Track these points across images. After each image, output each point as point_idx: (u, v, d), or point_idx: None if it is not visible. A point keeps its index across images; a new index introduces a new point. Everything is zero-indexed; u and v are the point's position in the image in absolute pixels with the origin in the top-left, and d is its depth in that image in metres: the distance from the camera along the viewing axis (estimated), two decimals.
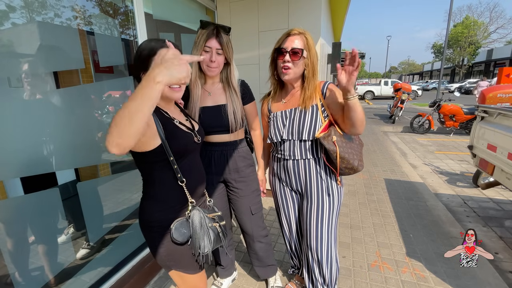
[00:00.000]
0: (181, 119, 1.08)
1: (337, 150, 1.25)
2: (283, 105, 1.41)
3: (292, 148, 1.37)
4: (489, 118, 2.56)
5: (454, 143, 6.30)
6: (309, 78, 1.29)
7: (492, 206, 3.15)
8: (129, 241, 1.95)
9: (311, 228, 1.39)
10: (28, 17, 1.35)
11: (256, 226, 1.60)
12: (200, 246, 1.01)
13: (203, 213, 1.03)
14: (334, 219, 1.41)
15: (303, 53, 1.24)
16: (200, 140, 1.09)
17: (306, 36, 1.26)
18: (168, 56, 0.70)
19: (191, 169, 1.06)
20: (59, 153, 1.46)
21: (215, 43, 1.25)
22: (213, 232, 1.05)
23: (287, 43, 1.24)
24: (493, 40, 33.18)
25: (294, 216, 1.55)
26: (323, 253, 1.39)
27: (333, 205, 1.38)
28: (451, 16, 12.27)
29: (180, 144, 0.99)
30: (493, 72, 27.35)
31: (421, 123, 7.47)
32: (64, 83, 1.78)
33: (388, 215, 2.81)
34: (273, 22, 2.67)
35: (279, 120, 1.39)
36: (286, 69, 1.26)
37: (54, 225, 1.55)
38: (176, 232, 0.98)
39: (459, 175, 4.18)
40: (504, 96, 5.48)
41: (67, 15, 1.54)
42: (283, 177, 1.48)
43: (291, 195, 1.51)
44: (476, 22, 30.63)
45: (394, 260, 2.09)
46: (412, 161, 4.98)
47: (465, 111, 6.63)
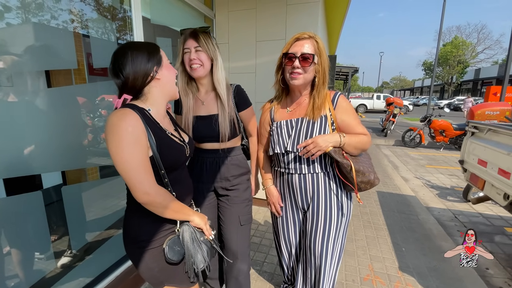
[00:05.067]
0: (171, 129, 1.03)
1: (351, 164, 1.14)
2: (289, 114, 1.30)
3: (298, 161, 1.25)
4: (480, 134, 2.61)
5: (444, 158, 6.41)
6: (319, 86, 1.19)
7: (482, 221, 3.18)
8: (113, 250, 1.87)
9: (315, 247, 1.28)
10: (23, 17, 1.32)
11: (242, 241, 1.45)
12: (194, 262, 0.95)
13: (193, 227, 0.98)
14: (341, 237, 1.30)
15: (314, 59, 1.14)
16: (189, 153, 1.05)
17: (317, 40, 1.17)
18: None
19: (180, 182, 1.01)
20: (45, 155, 1.40)
21: (192, 42, 1.22)
22: (206, 245, 1.00)
23: (296, 48, 1.15)
24: (480, 60, 34.61)
25: (295, 240, 1.43)
26: (326, 273, 1.28)
27: (342, 222, 1.28)
28: (441, 35, 12.76)
29: (173, 156, 0.95)
30: (481, 90, 28.36)
31: (413, 137, 7.61)
32: (56, 84, 1.74)
33: (381, 228, 2.79)
34: (270, 33, 2.70)
35: (284, 130, 1.27)
36: (296, 74, 1.16)
37: (35, 230, 1.47)
38: (170, 251, 0.92)
39: (450, 189, 4.22)
40: (491, 113, 5.65)
41: (63, 17, 1.52)
42: (287, 194, 1.36)
43: (293, 217, 1.40)
44: (464, 42, 31.89)
45: (387, 274, 2.06)
46: (403, 174, 5.03)
47: (455, 127, 6.79)
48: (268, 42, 2.73)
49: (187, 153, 1.03)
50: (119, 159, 0.81)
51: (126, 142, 0.80)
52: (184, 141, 1.03)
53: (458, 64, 30.78)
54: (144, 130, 0.84)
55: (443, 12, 12.31)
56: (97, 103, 1.81)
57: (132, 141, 0.81)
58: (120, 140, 0.80)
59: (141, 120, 0.84)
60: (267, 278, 2.00)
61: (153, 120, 0.92)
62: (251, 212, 1.50)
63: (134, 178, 0.82)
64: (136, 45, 0.91)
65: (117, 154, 0.80)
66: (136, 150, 0.82)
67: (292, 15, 2.60)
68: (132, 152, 0.81)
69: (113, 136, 0.80)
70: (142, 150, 0.83)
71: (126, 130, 0.80)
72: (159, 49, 0.95)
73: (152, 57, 0.91)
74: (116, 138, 0.80)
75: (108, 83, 1.96)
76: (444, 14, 12.31)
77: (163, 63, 0.94)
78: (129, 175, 0.82)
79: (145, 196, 0.84)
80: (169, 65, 0.97)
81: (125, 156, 0.80)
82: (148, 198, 0.84)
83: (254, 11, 2.71)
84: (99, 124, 1.87)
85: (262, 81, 2.81)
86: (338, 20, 4.69)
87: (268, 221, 2.85)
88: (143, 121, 0.85)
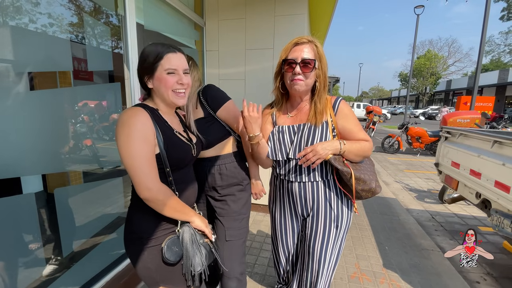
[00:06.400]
0: (180, 129, 1.06)
1: (351, 171, 1.11)
2: (290, 119, 1.25)
3: (299, 169, 1.22)
4: (452, 138, 2.82)
5: (421, 163, 6.76)
6: (320, 91, 1.16)
7: (457, 220, 3.39)
8: (100, 257, 1.82)
9: (314, 253, 1.26)
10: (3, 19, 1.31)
11: (229, 258, 1.28)
12: (192, 264, 0.95)
13: (193, 229, 0.99)
14: (339, 244, 1.28)
15: (315, 64, 1.10)
16: (197, 153, 1.08)
17: (316, 44, 1.13)
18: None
19: (184, 182, 1.03)
20: (25, 157, 1.35)
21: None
22: (205, 248, 1.01)
23: (296, 53, 1.11)
24: (451, 72, 37.00)
25: (293, 245, 1.41)
26: (322, 277, 1.27)
27: (341, 231, 1.26)
28: (415, 49, 13.59)
29: (179, 154, 0.98)
30: (452, 100, 30.26)
31: (391, 144, 7.98)
32: (39, 87, 1.71)
33: (365, 229, 2.91)
34: (259, 42, 2.80)
35: (286, 135, 1.23)
36: (297, 80, 1.12)
37: (16, 237, 1.41)
38: (168, 251, 0.93)
39: (427, 192, 4.47)
40: (462, 121, 6.07)
41: (55, 19, 1.53)
42: (287, 202, 1.33)
43: (292, 224, 1.36)
44: (436, 55, 34.00)
45: (372, 272, 2.16)
46: (384, 178, 5.25)
47: (430, 134, 7.22)
48: (257, 50, 2.83)
49: (194, 153, 1.06)
50: (126, 154, 0.84)
51: (134, 137, 0.84)
52: (191, 141, 1.06)
53: (431, 75, 32.72)
54: (153, 128, 0.88)
55: (416, 27, 13.18)
56: (79, 107, 1.79)
57: (140, 137, 0.85)
58: (129, 136, 0.84)
59: (150, 118, 0.88)
60: (258, 279, 2.03)
61: (162, 118, 0.96)
62: (244, 227, 1.36)
63: (138, 173, 0.85)
64: (147, 48, 0.94)
65: (125, 149, 0.84)
66: (143, 146, 0.85)
67: (280, 26, 2.72)
68: (138, 147, 0.84)
69: (123, 131, 0.84)
70: (149, 147, 0.87)
71: (135, 127, 0.84)
72: (159, 59, 0.92)
73: (147, 64, 0.92)
74: (126, 133, 0.84)
75: (91, 87, 1.94)
76: (417, 28, 13.19)
77: (155, 74, 0.93)
78: (134, 170, 0.85)
79: (146, 191, 0.86)
80: (165, 77, 0.93)
81: (132, 151, 0.84)
82: (150, 193, 0.87)
83: (243, 21, 2.82)
84: (81, 129, 1.87)
85: (252, 88, 2.89)
86: (322, 30, 4.91)
87: (257, 225, 2.89)
88: (153, 119, 0.89)
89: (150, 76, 0.94)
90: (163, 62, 0.92)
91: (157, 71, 0.93)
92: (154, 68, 0.92)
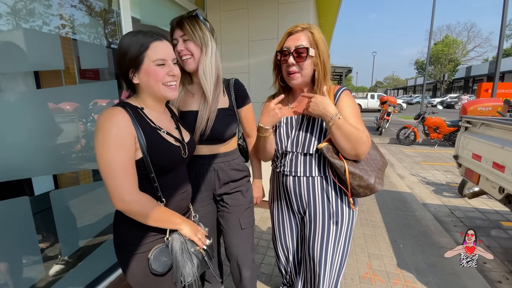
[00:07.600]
0: (170, 127, 0.97)
1: (344, 165, 1.04)
2: (289, 111, 1.22)
3: (294, 162, 1.17)
4: (473, 129, 2.62)
5: (439, 154, 6.45)
6: (319, 80, 1.09)
7: (478, 216, 3.19)
8: (105, 256, 1.82)
9: (314, 254, 1.20)
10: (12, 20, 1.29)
11: (243, 245, 1.35)
12: (182, 274, 0.89)
13: (184, 237, 0.92)
14: (342, 244, 1.20)
15: (309, 52, 1.04)
16: (187, 155, 0.98)
17: (312, 30, 1.06)
18: None
19: (173, 187, 0.95)
20: (35, 158, 1.35)
21: (178, 32, 1.13)
22: (197, 257, 0.94)
23: (289, 43, 1.06)
24: (471, 58, 35.13)
25: (292, 245, 1.37)
26: (325, 280, 1.21)
27: (341, 232, 1.18)
28: (432, 34, 12.93)
29: (164, 159, 0.89)
30: (472, 87, 28.80)
31: (407, 135, 7.66)
32: (45, 86, 1.70)
33: (378, 225, 2.78)
34: (262, 32, 2.68)
35: (283, 127, 1.20)
36: (292, 74, 1.08)
37: (24, 237, 1.42)
38: (155, 262, 0.87)
39: (445, 185, 4.24)
40: (483, 109, 5.72)
41: (53, 17, 1.48)
42: (283, 198, 1.29)
43: (289, 221, 1.33)
44: (455, 41, 32.39)
45: (385, 272, 2.04)
46: (399, 171, 5.04)
47: (448, 124, 6.86)
48: (260, 41, 2.71)
49: (184, 154, 0.95)
50: (100, 161, 0.77)
51: (108, 143, 0.77)
52: (182, 141, 0.97)
53: (450, 62, 31.25)
54: (132, 131, 0.81)
55: (433, 11, 12.49)
56: (88, 106, 1.77)
57: (114, 142, 0.77)
58: (103, 141, 0.77)
59: (130, 120, 0.80)
60: (265, 280, 1.97)
61: (146, 119, 0.88)
62: (252, 215, 1.40)
63: (111, 182, 0.78)
64: (125, 39, 0.85)
65: (99, 156, 0.77)
66: (118, 153, 0.77)
67: (284, 14, 2.59)
68: (113, 154, 0.77)
69: (98, 136, 0.78)
70: (125, 154, 0.79)
71: (110, 131, 0.77)
72: (144, 49, 0.83)
73: (129, 57, 0.83)
74: (100, 138, 0.77)
75: (97, 84, 1.93)
76: (434, 13, 12.49)
77: (142, 67, 0.85)
78: (107, 179, 0.78)
79: (121, 203, 0.79)
80: (153, 70, 0.85)
81: (106, 159, 0.77)
82: (124, 205, 0.80)
83: (246, 11, 2.70)
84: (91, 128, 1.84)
85: (256, 81, 2.79)
86: (330, 19, 4.70)
87: (264, 222, 2.83)
88: (134, 121, 0.81)
89: (135, 70, 0.85)
90: (150, 53, 0.84)
91: (144, 63, 0.84)
92: (139, 60, 0.84)
